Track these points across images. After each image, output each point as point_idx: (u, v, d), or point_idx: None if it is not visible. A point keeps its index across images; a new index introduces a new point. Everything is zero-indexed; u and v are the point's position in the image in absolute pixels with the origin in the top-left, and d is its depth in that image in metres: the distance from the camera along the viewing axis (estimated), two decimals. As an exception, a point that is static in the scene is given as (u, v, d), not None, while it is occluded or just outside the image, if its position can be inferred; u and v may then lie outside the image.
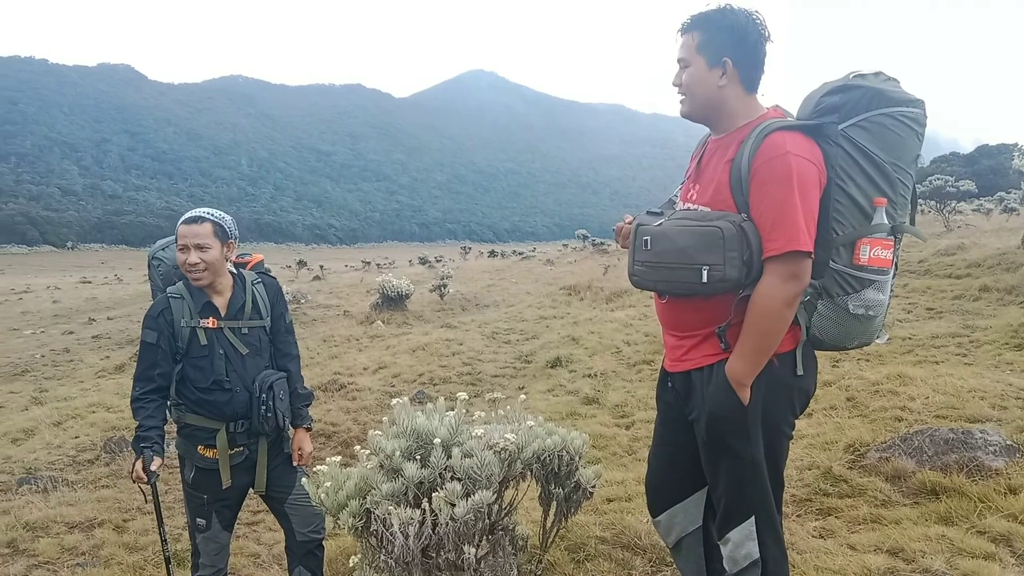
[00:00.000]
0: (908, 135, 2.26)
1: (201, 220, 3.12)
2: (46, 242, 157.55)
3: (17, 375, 12.73)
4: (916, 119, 2.27)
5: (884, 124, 2.24)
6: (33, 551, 4.77)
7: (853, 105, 2.27)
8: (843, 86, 2.31)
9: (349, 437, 7.06)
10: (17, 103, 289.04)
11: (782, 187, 2.19)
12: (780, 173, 2.20)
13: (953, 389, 5.68)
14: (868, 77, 2.30)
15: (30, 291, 35.41)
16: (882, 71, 2.32)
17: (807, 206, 2.20)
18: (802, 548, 3.63)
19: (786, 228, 2.18)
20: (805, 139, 2.26)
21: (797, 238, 2.18)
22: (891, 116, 2.24)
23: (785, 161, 2.20)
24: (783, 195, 2.19)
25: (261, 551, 4.67)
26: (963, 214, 25.32)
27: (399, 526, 2.42)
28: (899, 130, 2.25)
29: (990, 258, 12.03)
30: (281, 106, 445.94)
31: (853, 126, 2.26)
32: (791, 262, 2.20)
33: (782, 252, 2.19)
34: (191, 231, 3.10)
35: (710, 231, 2.26)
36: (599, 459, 5.53)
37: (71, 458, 6.88)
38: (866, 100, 2.25)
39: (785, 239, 2.19)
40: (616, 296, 14.81)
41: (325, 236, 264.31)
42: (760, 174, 2.24)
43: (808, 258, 2.22)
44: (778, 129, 2.26)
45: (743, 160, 2.27)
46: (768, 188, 2.22)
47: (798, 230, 2.18)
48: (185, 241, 3.09)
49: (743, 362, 2.29)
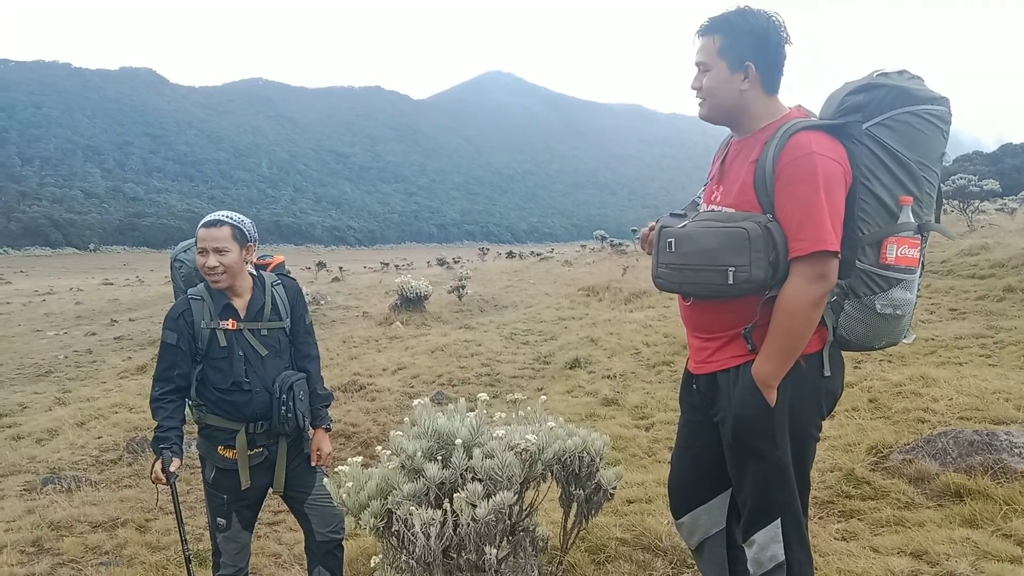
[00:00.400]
0: (933, 133, 2.24)
1: (220, 224, 3.14)
2: (69, 244, 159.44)
3: (41, 376, 12.88)
4: (941, 117, 2.25)
5: (909, 122, 2.22)
6: (57, 550, 4.82)
7: (877, 104, 2.25)
8: (867, 85, 2.29)
9: (369, 437, 7.08)
10: (41, 107, 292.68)
11: (808, 187, 2.18)
12: (806, 173, 2.19)
13: (977, 390, 5.62)
14: (892, 75, 2.28)
15: (53, 293, 35.82)
16: (906, 69, 2.30)
17: (833, 206, 2.19)
18: (824, 550, 3.60)
19: (812, 228, 2.17)
20: (829, 138, 2.25)
21: (824, 238, 2.16)
22: (916, 114, 2.22)
23: (811, 160, 2.18)
24: (809, 195, 2.18)
25: (282, 551, 4.69)
26: (986, 213, 25.02)
27: (420, 526, 2.42)
28: (924, 128, 2.23)
29: (1014, 258, 11.87)
30: (301, 109, 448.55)
31: (878, 125, 2.24)
32: (818, 262, 2.18)
33: (809, 252, 2.18)
34: (210, 234, 3.12)
35: (736, 232, 2.25)
36: (619, 460, 5.51)
37: (94, 458, 6.95)
38: (891, 98, 2.24)
39: (812, 239, 2.17)
40: (635, 297, 14.76)
41: (344, 238, 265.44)
42: (785, 174, 2.22)
43: (835, 258, 2.20)
44: (803, 129, 2.24)
45: (768, 160, 2.26)
46: (794, 188, 2.21)
47: (824, 230, 2.16)
48: (204, 244, 3.11)
49: (770, 363, 2.28)
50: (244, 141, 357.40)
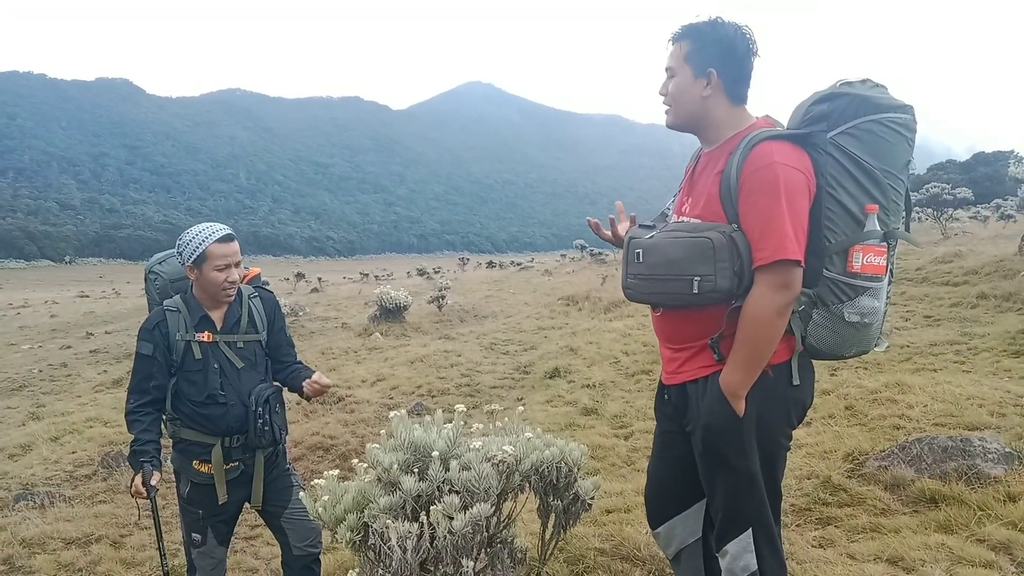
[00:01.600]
0: (897, 141, 2.27)
1: (233, 238, 3.16)
2: (44, 256, 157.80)
3: (15, 390, 12.67)
4: (905, 124, 2.28)
5: (873, 131, 2.25)
6: (30, 568, 4.74)
7: (841, 113, 2.28)
8: (830, 94, 2.32)
9: (347, 450, 7.03)
10: (15, 118, 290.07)
11: (769, 196, 2.20)
12: (767, 183, 2.21)
13: (952, 397, 5.68)
14: (855, 85, 2.31)
15: (28, 306, 35.36)
16: (869, 78, 2.33)
17: (795, 215, 2.21)
18: (801, 558, 3.61)
19: (774, 237, 2.19)
20: (793, 148, 2.27)
21: (785, 247, 2.18)
22: (879, 122, 2.25)
23: (772, 171, 2.21)
24: (770, 204, 2.20)
25: (259, 565, 4.64)
26: (960, 221, 25.39)
27: (397, 540, 2.40)
28: (888, 136, 2.25)
29: (987, 265, 12.04)
30: (279, 119, 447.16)
31: (842, 134, 2.27)
32: (780, 271, 2.20)
33: (770, 261, 2.20)
34: (231, 249, 3.12)
35: (700, 242, 2.27)
36: (598, 470, 5.51)
37: (68, 473, 6.84)
38: (853, 107, 2.26)
39: (772, 248, 2.19)
40: (614, 306, 14.79)
41: (323, 248, 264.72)
42: (748, 184, 2.24)
43: (797, 267, 2.22)
44: (766, 139, 2.26)
45: (732, 171, 2.28)
46: (756, 198, 2.23)
47: (785, 239, 2.18)
48: (228, 260, 3.10)
49: (737, 373, 2.29)
50: (222, 152, 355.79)
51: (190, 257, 3.08)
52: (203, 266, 3.08)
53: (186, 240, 3.11)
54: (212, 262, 3.07)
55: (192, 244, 3.08)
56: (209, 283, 3.10)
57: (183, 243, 3.11)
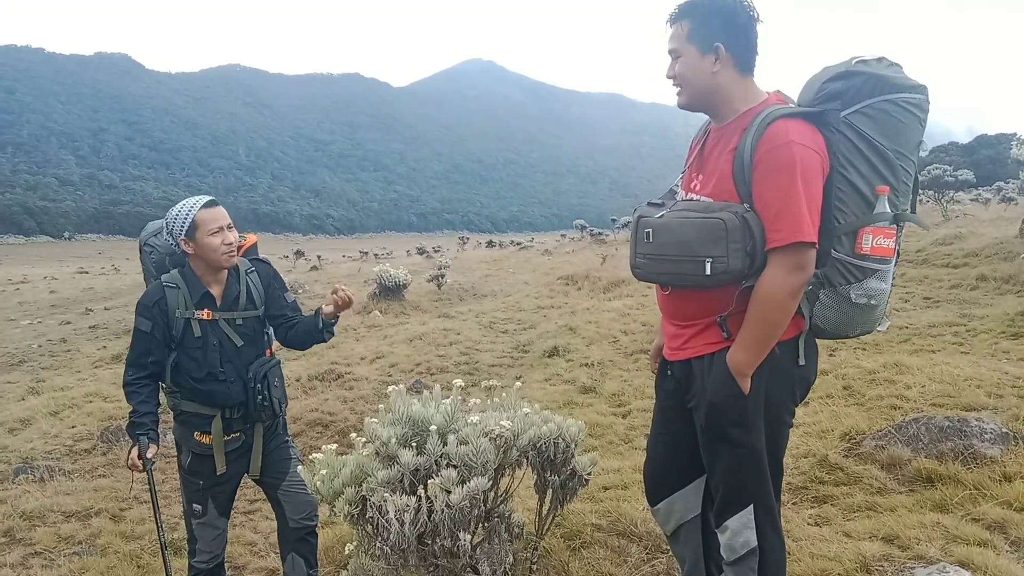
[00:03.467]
0: (911, 121, 2.23)
1: (217, 203, 3.12)
2: (43, 232, 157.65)
3: (14, 365, 12.69)
4: (919, 105, 2.24)
5: (887, 111, 2.21)
6: (30, 540, 4.77)
7: (856, 91, 2.23)
8: (845, 72, 2.27)
9: (346, 426, 7.05)
10: (14, 92, 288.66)
11: (785, 177, 2.17)
12: (783, 162, 2.17)
13: (949, 378, 5.69)
14: (871, 63, 2.26)
15: (27, 281, 35.36)
16: (885, 56, 2.28)
17: (811, 196, 2.18)
18: (797, 535, 3.63)
19: (790, 218, 2.16)
20: (807, 126, 2.23)
21: (801, 229, 2.15)
22: (894, 103, 2.21)
23: (788, 150, 2.17)
24: (786, 185, 2.17)
25: (258, 539, 4.67)
26: (961, 204, 25.33)
27: (395, 513, 2.41)
28: (902, 116, 2.21)
29: (988, 247, 12.03)
30: (279, 95, 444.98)
31: (856, 113, 2.23)
32: (795, 253, 2.18)
33: (786, 243, 2.17)
34: (219, 213, 3.09)
35: (713, 223, 2.23)
36: (595, 447, 5.53)
37: (68, 447, 6.87)
38: (869, 86, 2.22)
39: (789, 230, 2.16)
40: (614, 286, 14.80)
41: (323, 226, 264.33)
42: (763, 164, 2.21)
43: (812, 248, 2.19)
44: (780, 117, 2.23)
45: (746, 149, 2.25)
46: (771, 178, 2.19)
47: (802, 220, 2.15)
48: (219, 223, 3.06)
49: (745, 352, 2.28)
50: (221, 128, 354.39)
51: (181, 230, 3.05)
52: (196, 235, 3.05)
53: (173, 216, 3.08)
54: (204, 228, 3.04)
55: (180, 217, 3.05)
56: (207, 250, 3.06)
57: (171, 220, 3.08)
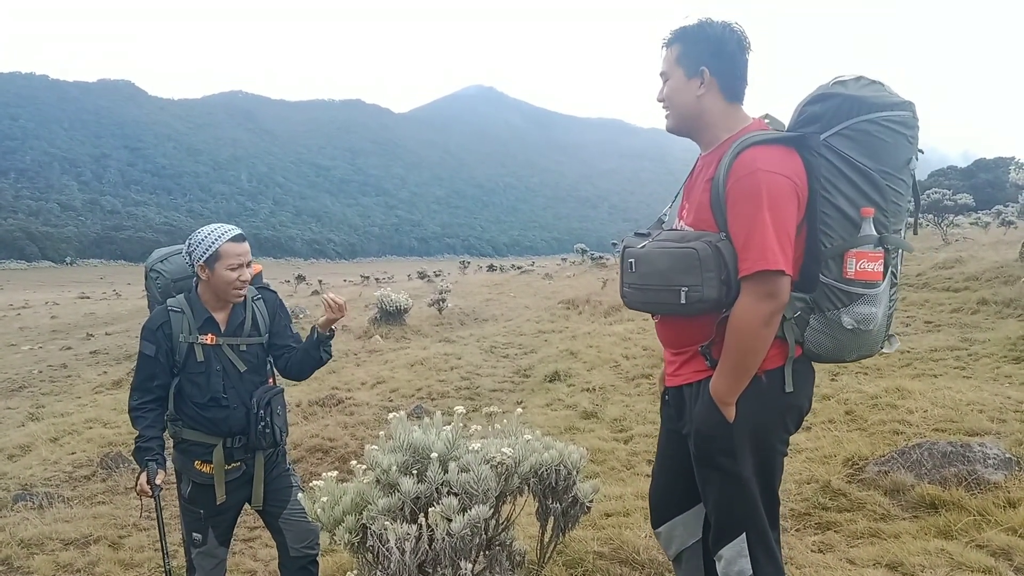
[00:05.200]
0: (895, 140, 2.20)
1: (245, 238, 3.18)
2: (45, 257, 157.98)
3: (14, 391, 12.68)
4: (903, 122, 2.21)
5: (868, 131, 2.19)
6: (28, 568, 4.73)
7: (833, 113, 2.23)
8: (822, 95, 2.27)
9: (346, 452, 7.02)
10: (17, 119, 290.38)
11: (751, 205, 2.19)
12: (749, 192, 2.19)
13: (952, 402, 5.67)
14: (848, 84, 2.25)
15: (28, 307, 35.36)
16: (863, 76, 2.26)
17: (779, 223, 2.18)
18: (801, 563, 3.61)
19: (756, 247, 2.18)
20: (781, 152, 2.24)
21: (765, 257, 2.16)
22: (874, 122, 2.19)
23: (754, 179, 2.19)
24: (752, 213, 2.18)
25: (257, 567, 4.64)
26: (961, 227, 25.36)
27: (395, 542, 2.40)
28: (885, 136, 2.19)
29: (988, 271, 12.04)
30: (281, 121, 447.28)
31: (835, 135, 2.22)
32: (764, 281, 2.18)
33: (753, 272, 2.18)
34: (244, 248, 3.14)
35: (686, 252, 2.26)
36: (597, 473, 5.50)
37: (67, 474, 6.84)
38: (846, 108, 2.21)
39: (754, 258, 2.18)
40: (615, 310, 14.79)
41: (324, 251, 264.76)
42: (732, 193, 2.23)
43: (781, 276, 2.19)
44: (752, 145, 2.24)
45: (720, 178, 2.27)
46: (739, 207, 2.22)
47: (767, 249, 2.16)
48: (241, 259, 3.11)
49: (725, 380, 2.29)
50: (223, 154, 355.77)
51: (202, 256, 3.06)
52: (216, 265, 3.07)
53: (198, 239, 3.09)
54: (225, 261, 3.07)
55: (205, 243, 3.07)
56: (221, 282, 3.09)
57: (195, 242, 3.09)
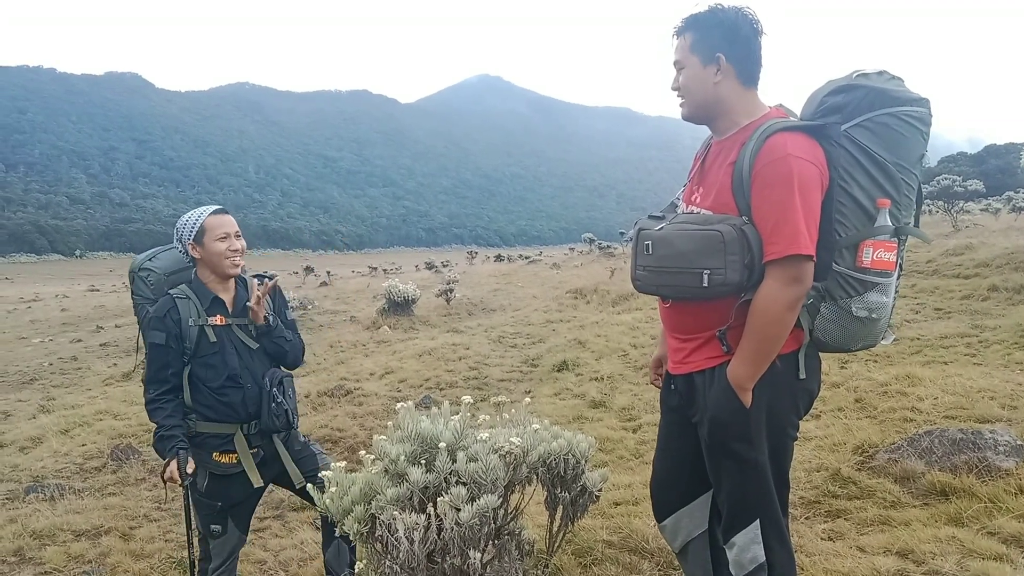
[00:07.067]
0: (912, 134, 2.23)
1: (227, 212, 3.25)
2: (55, 251, 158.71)
3: (25, 383, 12.75)
4: (921, 118, 2.24)
5: (888, 124, 2.21)
6: (40, 559, 4.76)
7: (856, 105, 2.24)
8: (846, 86, 2.28)
9: (355, 442, 7.04)
10: (25, 112, 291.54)
11: (783, 190, 2.18)
12: (781, 176, 2.18)
13: (962, 389, 5.64)
14: (871, 76, 2.26)
15: (39, 299, 35.53)
16: (886, 70, 2.29)
17: (808, 209, 2.19)
18: (811, 550, 3.60)
19: (786, 231, 2.17)
20: (807, 140, 2.24)
21: (797, 241, 2.16)
22: (895, 116, 2.21)
23: (786, 163, 2.18)
24: (784, 198, 2.17)
25: (267, 557, 4.65)
26: (971, 214, 25.23)
27: (404, 531, 2.40)
28: (903, 130, 2.22)
29: (999, 258, 11.96)
30: (288, 113, 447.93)
31: (856, 126, 2.23)
32: (792, 266, 2.18)
33: (783, 256, 2.18)
34: (228, 220, 3.21)
35: (711, 235, 2.25)
36: (606, 463, 5.50)
37: (78, 466, 6.88)
38: (869, 100, 2.23)
39: (786, 243, 2.17)
40: (623, 299, 14.77)
41: (332, 242, 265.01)
42: (761, 177, 2.22)
43: (809, 261, 2.19)
44: (780, 130, 2.24)
45: (744, 163, 2.26)
46: (769, 191, 2.20)
47: (798, 233, 2.16)
48: (227, 230, 3.18)
49: (745, 366, 2.28)
50: (231, 146, 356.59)
51: (190, 235, 3.16)
52: (204, 239, 3.15)
53: (183, 222, 3.21)
54: (212, 233, 3.15)
55: (190, 223, 3.18)
56: (214, 255, 3.15)
57: (181, 225, 3.21)
